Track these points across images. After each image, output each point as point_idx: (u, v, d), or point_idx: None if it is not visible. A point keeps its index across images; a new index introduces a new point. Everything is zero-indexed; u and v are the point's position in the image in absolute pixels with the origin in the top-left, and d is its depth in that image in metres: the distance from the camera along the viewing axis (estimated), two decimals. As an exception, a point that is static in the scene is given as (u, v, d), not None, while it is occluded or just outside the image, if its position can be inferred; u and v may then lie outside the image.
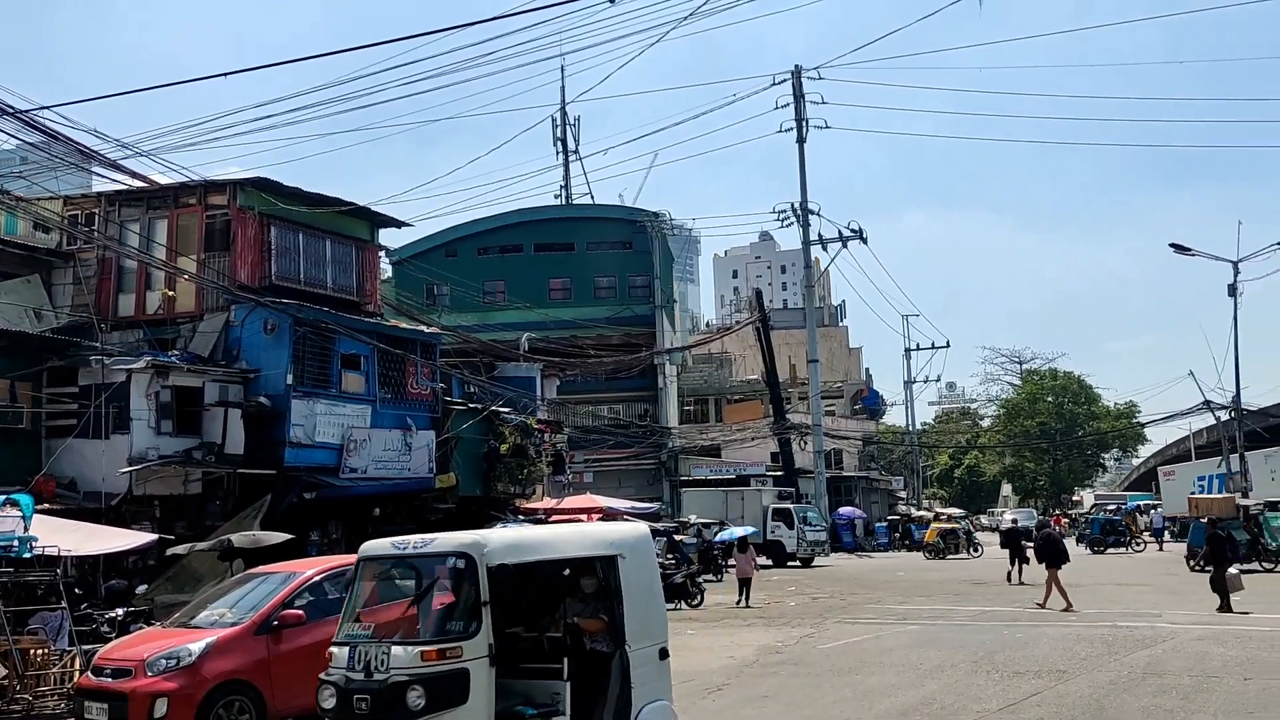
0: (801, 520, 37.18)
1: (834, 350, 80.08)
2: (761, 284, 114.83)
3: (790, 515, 37.19)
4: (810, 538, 36.95)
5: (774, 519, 37.45)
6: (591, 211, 58.20)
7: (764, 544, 35.62)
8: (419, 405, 24.93)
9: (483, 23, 13.00)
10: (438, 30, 13.28)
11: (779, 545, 36.77)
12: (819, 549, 37.46)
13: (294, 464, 21.30)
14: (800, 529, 36.82)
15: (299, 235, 23.20)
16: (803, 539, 36.63)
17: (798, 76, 45.27)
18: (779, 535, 36.97)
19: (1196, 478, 54.68)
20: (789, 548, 36.62)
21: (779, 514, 37.52)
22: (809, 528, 37.21)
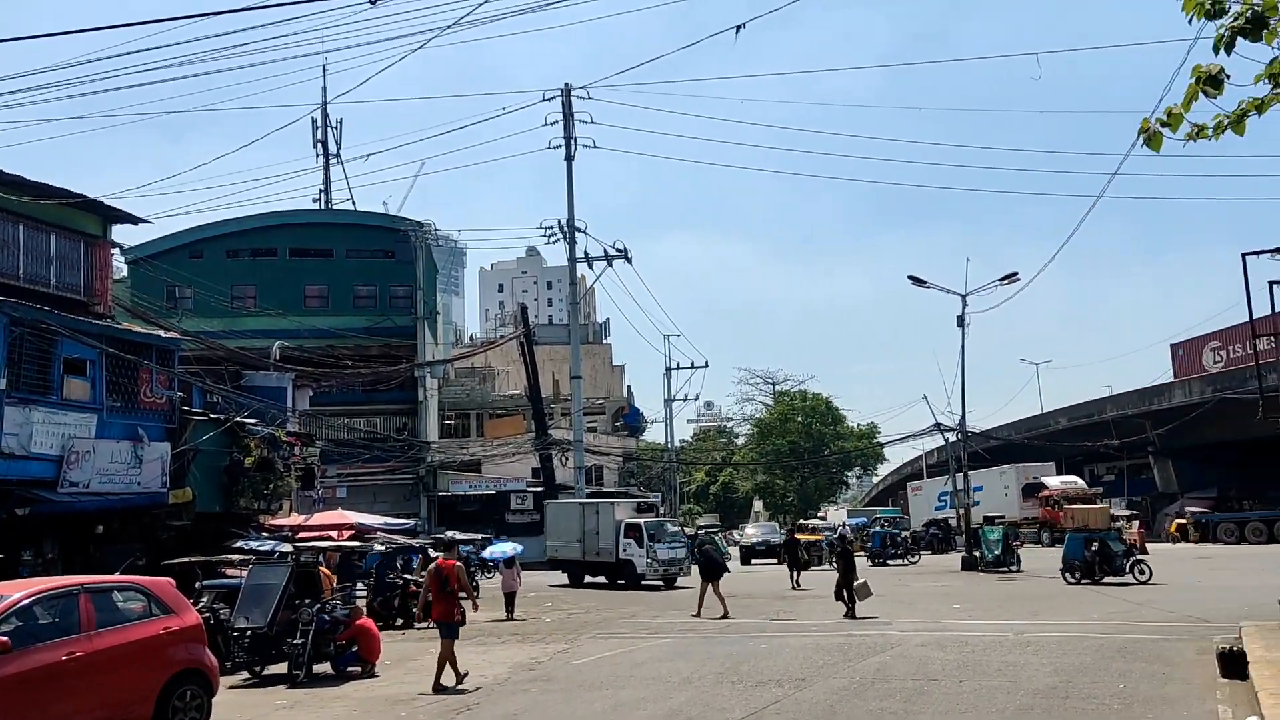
0: (651, 537, 32.23)
1: (597, 367, 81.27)
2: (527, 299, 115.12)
3: (641, 531, 32.31)
4: (663, 556, 32.11)
5: (625, 536, 32.69)
6: (353, 218, 56.49)
7: (615, 564, 32.80)
8: (153, 415, 23.22)
9: (235, 12, 12.32)
10: (183, 16, 12.50)
11: (629, 565, 32.40)
12: (676, 568, 32.39)
13: (5, 476, 19.29)
14: (650, 546, 31.98)
15: (19, 227, 21.12)
16: (654, 558, 31.89)
17: (567, 95, 45.77)
18: (629, 554, 32.48)
19: (939, 493, 59.48)
20: (639, 568, 32.12)
21: (630, 530, 32.67)
22: (661, 545, 32.39)
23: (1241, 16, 5.88)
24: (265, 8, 13.02)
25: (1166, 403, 55.12)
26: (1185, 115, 6.18)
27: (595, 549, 33.69)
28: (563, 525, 35.98)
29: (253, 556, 20.05)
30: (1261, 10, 5.85)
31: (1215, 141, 6.47)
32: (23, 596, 10.32)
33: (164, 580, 12.47)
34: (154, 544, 22.58)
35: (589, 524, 34.34)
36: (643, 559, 32.06)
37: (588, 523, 34.44)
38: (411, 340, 52.74)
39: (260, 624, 16.05)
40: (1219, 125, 6.31)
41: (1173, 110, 6.19)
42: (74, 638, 10.33)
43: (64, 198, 21.43)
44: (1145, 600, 21.78)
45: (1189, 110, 6.15)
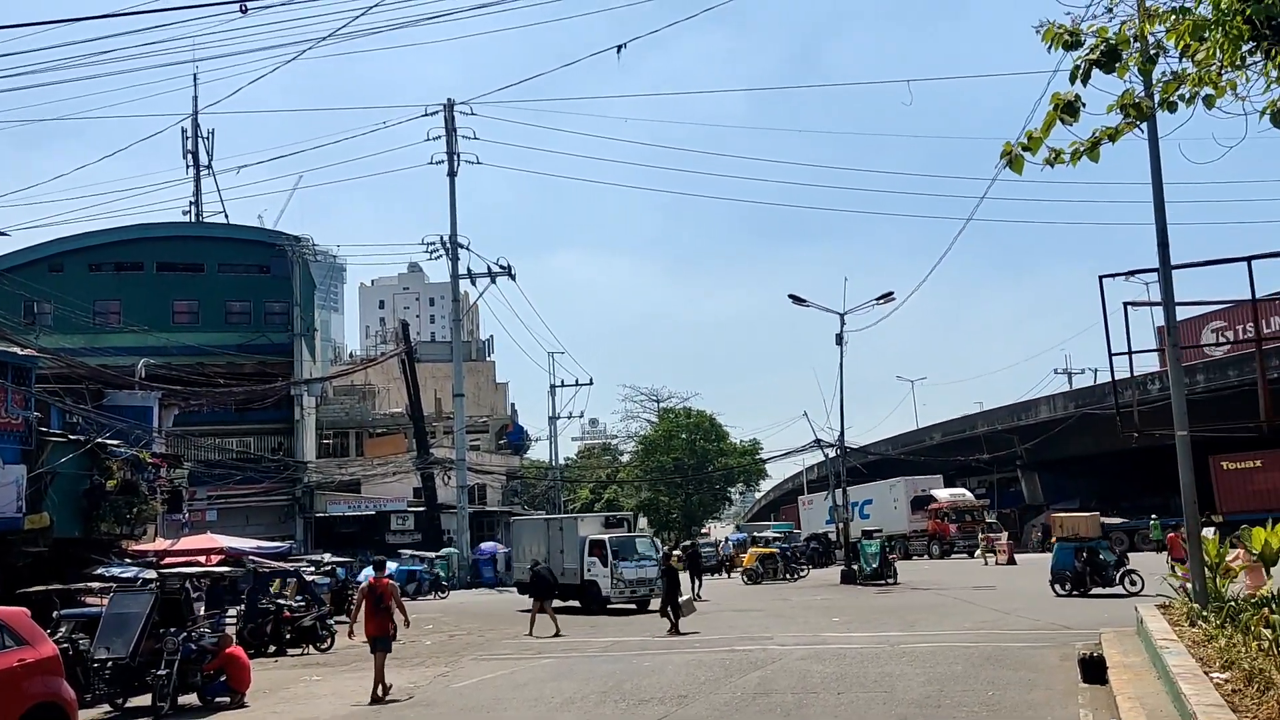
0: (616, 555, 28.53)
1: (481, 385, 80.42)
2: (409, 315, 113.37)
3: (605, 549, 28.69)
4: (630, 576, 28.38)
5: (589, 554, 29.01)
6: (225, 231, 54.79)
7: (580, 586, 29.17)
8: (8, 436, 21.99)
9: (99, 18, 11.78)
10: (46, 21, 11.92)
11: (594, 587, 28.80)
12: (647, 589, 28.20)
13: None
14: (615, 566, 28.32)
15: None
16: (620, 578, 28.30)
17: (450, 110, 45.39)
18: (593, 574, 28.85)
19: (830, 507, 60.64)
20: (604, 589, 28.46)
21: (594, 547, 29.01)
22: (629, 564, 28.60)
23: (1096, 49, 6.19)
24: (133, 14, 12.55)
25: (1033, 418, 57.63)
26: (1045, 140, 6.46)
27: (560, 569, 29.37)
28: (527, 544, 33.25)
29: (114, 584, 19.12)
30: (1115, 44, 6.17)
31: (1073, 167, 6.79)
32: None
33: (18, 610, 11.79)
34: (8, 571, 21.37)
35: (554, 542, 31.05)
36: (607, 579, 28.37)
37: (553, 541, 31.20)
38: (288, 358, 51.32)
39: (122, 654, 15.28)
40: (1075, 152, 6.62)
41: (1033, 135, 6.47)
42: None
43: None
44: (1012, 609, 22.60)
45: (1048, 136, 6.44)
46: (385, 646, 14.94)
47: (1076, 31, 6.32)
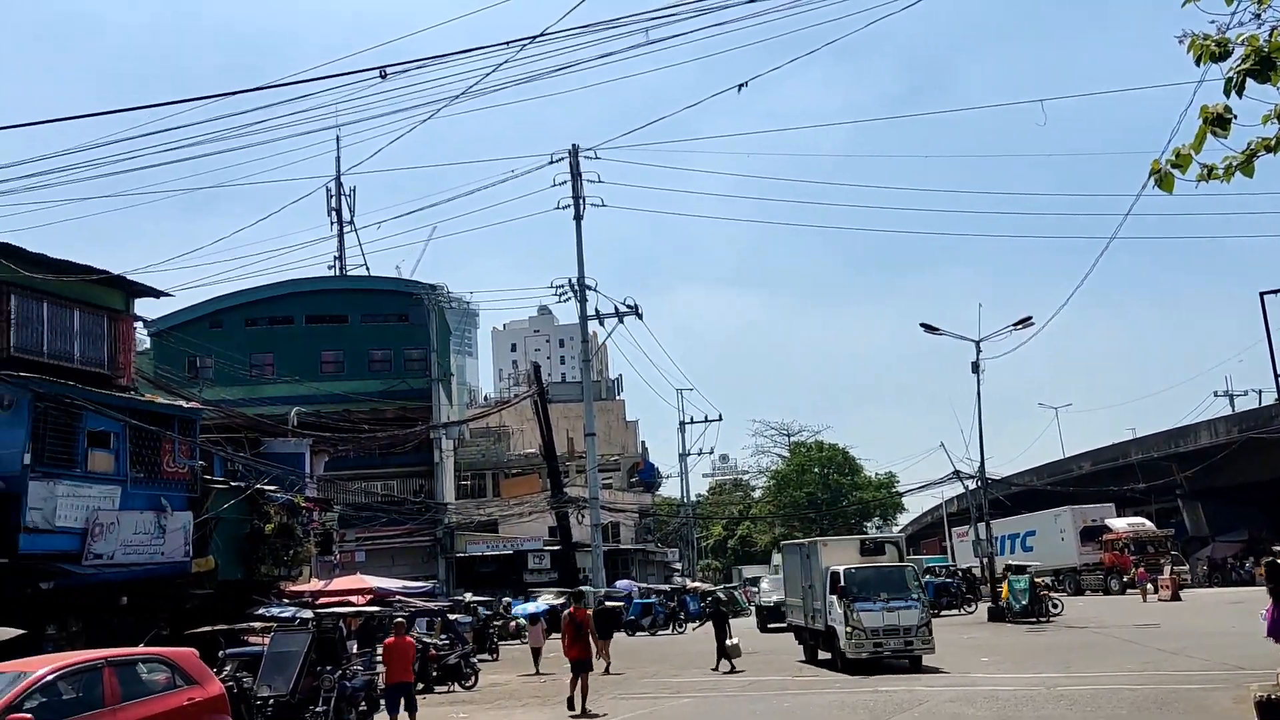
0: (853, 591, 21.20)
1: (611, 424, 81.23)
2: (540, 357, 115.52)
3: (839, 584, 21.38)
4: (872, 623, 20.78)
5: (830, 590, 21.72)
6: (366, 284, 57.04)
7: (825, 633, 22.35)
8: (176, 485, 23.31)
9: (252, 91, 12.61)
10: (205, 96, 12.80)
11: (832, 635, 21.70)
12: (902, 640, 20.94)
13: (29, 550, 19.35)
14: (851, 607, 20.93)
15: (43, 305, 21.43)
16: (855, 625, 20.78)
17: (575, 155, 46.38)
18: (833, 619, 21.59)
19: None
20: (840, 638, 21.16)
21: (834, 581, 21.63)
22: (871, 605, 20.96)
23: (1249, 59, 5.98)
24: (281, 85, 13.34)
25: (1193, 444, 54.40)
26: (1195, 156, 6.26)
27: (810, 609, 23.58)
28: (790, 575, 27.00)
29: (274, 624, 20.00)
30: (1269, 52, 5.95)
31: (1226, 183, 6.55)
32: (47, 672, 10.32)
33: (187, 650, 12.47)
34: (178, 613, 22.56)
35: (806, 573, 24.15)
36: (841, 624, 21.14)
37: (804, 571, 24.36)
38: (426, 402, 52.90)
39: (283, 692, 15.97)
40: (1229, 167, 6.39)
41: (1181, 151, 6.28)
42: (98, 712, 10.30)
43: (86, 274, 21.75)
44: (1179, 649, 21.43)
45: (1199, 151, 6.23)
46: (585, 668, 17.25)
47: (1224, 41, 6.13)
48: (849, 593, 21.02)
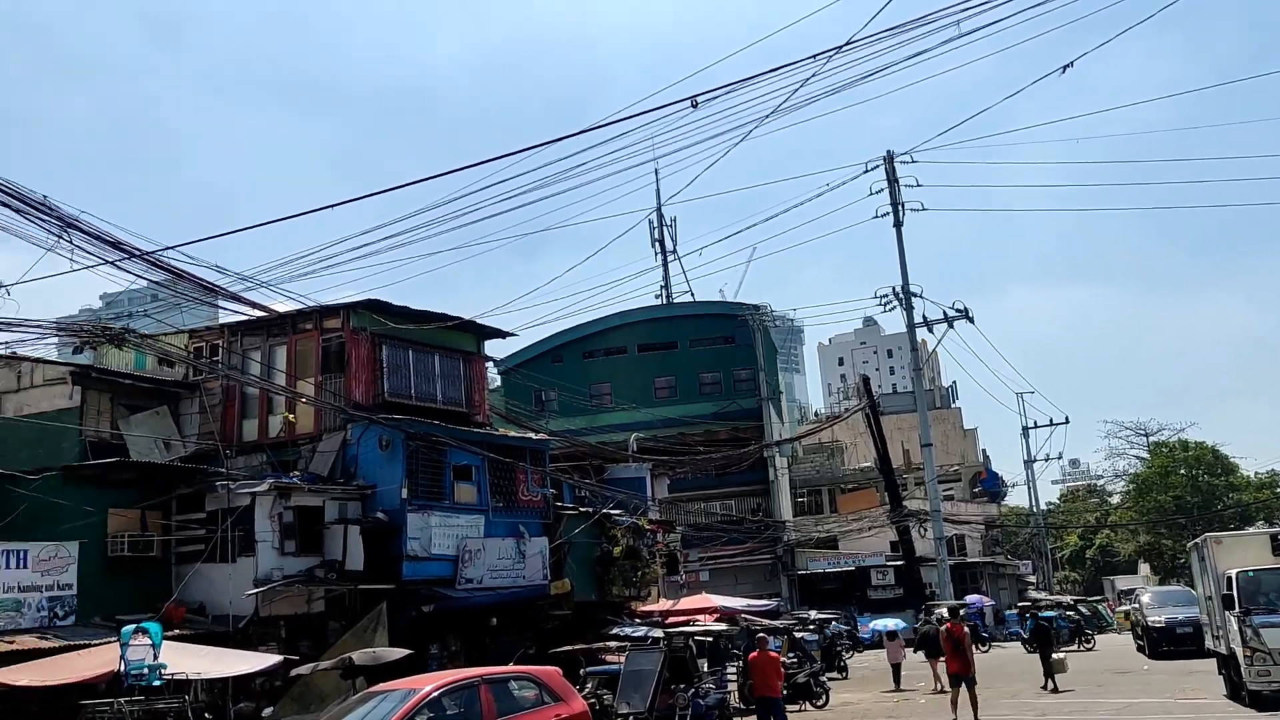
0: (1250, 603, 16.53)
1: (948, 433, 78.03)
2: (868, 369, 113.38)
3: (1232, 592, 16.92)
4: None
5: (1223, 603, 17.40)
6: (692, 309, 58.62)
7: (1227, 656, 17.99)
8: (531, 512, 25.01)
9: (573, 136, 13.36)
10: (531, 147, 13.67)
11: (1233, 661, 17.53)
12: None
13: (412, 577, 21.47)
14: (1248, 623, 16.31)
15: (408, 352, 23.83)
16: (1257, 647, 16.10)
17: (890, 162, 45.24)
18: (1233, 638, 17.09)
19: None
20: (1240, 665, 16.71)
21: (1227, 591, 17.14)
22: None
23: None
24: (599, 127, 13.99)
25: None
26: None
27: (1215, 628, 19.20)
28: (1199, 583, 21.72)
29: (628, 643, 20.83)
30: None
31: None
32: (432, 689, 11.27)
33: (552, 669, 13.20)
34: (540, 633, 24.11)
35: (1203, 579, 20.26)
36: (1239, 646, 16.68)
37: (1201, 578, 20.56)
38: (757, 421, 53.40)
39: (640, 709, 16.57)
40: None
41: None
42: (479, 727, 11.10)
43: (443, 322, 23.96)
44: None
45: None
46: (965, 681, 17.45)
47: None
48: (1250, 603, 16.46)
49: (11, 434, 21.93)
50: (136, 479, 20.60)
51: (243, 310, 21.88)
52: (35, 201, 15.63)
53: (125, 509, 20.36)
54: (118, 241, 16.70)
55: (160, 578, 20.38)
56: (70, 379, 21.74)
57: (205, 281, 19.06)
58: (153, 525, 20.75)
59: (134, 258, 17.02)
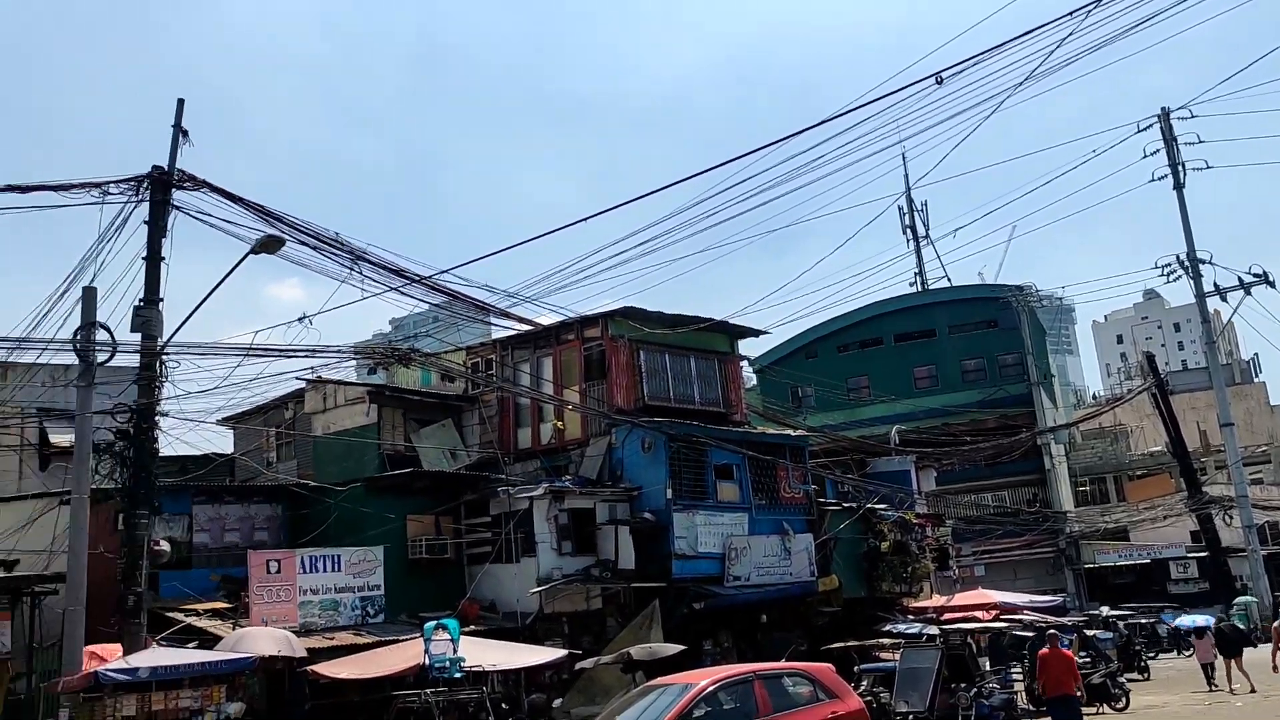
0: None
1: (1252, 410, 70.92)
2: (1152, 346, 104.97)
3: None
4: None
5: None
6: (949, 294, 56.51)
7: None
8: (793, 509, 25.00)
9: (816, 126, 13.31)
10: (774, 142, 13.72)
11: None
12: None
13: (681, 575, 22.00)
14: None
15: (665, 356, 24.46)
16: None
17: (1166, 119, 41.85)
18: None
19: None
20: None
21: None
22: None
23: None
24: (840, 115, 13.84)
25: None
26: None
27: None
28: None
29: (901, 640, 20.40)
30: None
31: None
32: (708, 684, 11.53)
33: (825, 665, 13.16)
34: (810, 630, 24.05)
35: None
36: None
37: None
38: (1028, 408, 50.70)
39: (920, 708, 16.21)
40: None
41: None
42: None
43: (696, 324, 24.41)
44: None
45: None
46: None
47: None
48: None
49: (322, 450, 24.36)
50: (428, 487, 22.32)
51: (511, 325, 23.28)
52: (329, 238, 17.34)
53: (420, 515, 22.13)
54: (400, 269, 18.24)
55: (454, 578, 21.98)
56: (367, 398, 23.87)
57: (477, 301, 20.43)
58: (445, 529, 22.42)
59: (415, 283, 18.50)
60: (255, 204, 16.64)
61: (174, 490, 19.62)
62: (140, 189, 15.97)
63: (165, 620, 17.46)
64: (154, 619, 16.56)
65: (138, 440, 15.76)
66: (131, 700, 13.61)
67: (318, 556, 19.30)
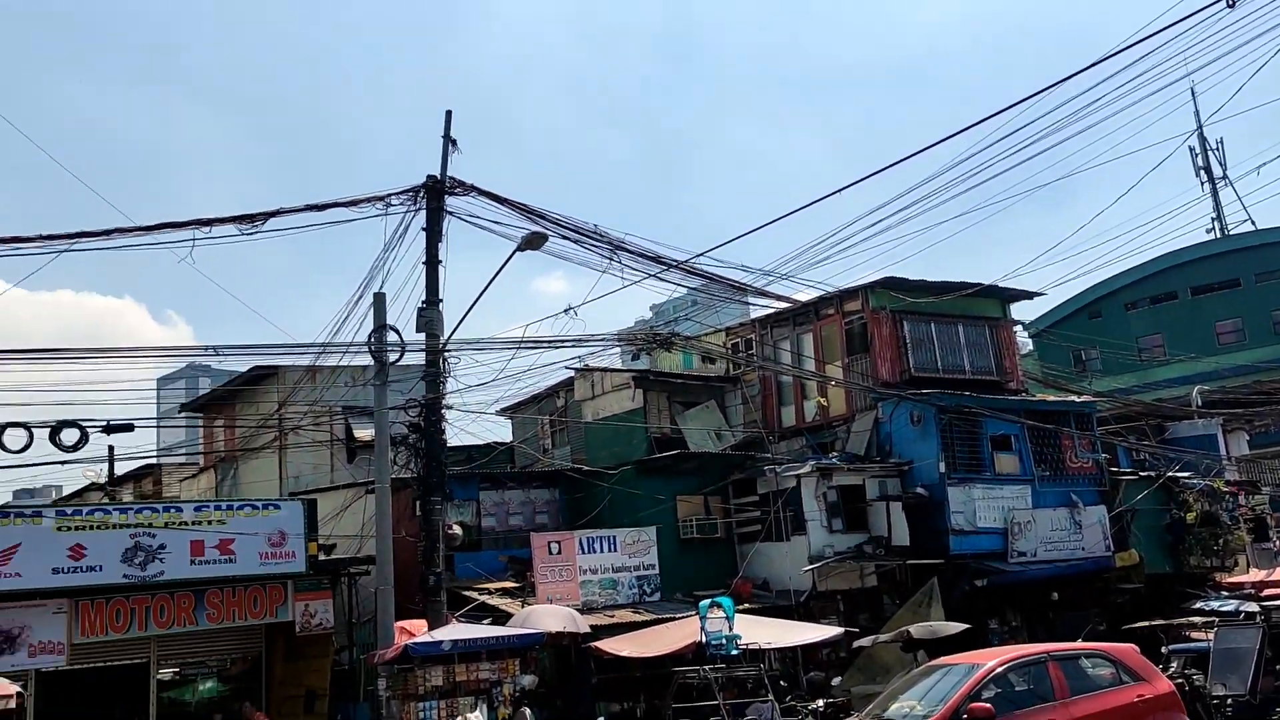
0: None
1: None
2: None
3: None
4: None
5: None
6: (1255, 239, 50.96)
7: None
8: (1082, 479, 23.43)
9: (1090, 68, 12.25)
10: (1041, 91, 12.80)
11: None
12: None
13: (959, 551, 21.19)
14: None
15: (930, 325, 23.56)
16: None
17: None
18: None
19: None
20: None
21: None
22: None
23: None
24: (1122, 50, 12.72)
25: None
26: None
27: None
28: None
29: (1215, 618, 18.66)
30: None
31: None
32: (997, 665, 11.01)
33: (1128, 646, 12.26)
34: (1107, 609, 22.50)
35: None
36: None
37: None
38: (1360, 358, 45.00)
39: (1240, 690, 14.77)
40: None
41: None
42: (1050, 705, 10.63)
43: (963, 290, 23.33)
44: None
45: None
46: None
47: None
48: None
49: (593, 436, 25.30)
50: (696, 468, 22.66)
51: (769, 304, 23.18)
52: (588, 231, 17.93)
53: (689, 495, 22.52)
54: (658, 255, 18.59)
55: (725, 556, 22.22)
56: (633, 383, 24.54)
57: (734, 281, 20.49)
58: (714, 509, 22.69)
59: (673, 268, 18.80)
60: (519, 203, 17.47)
61: (462, 478, 20.99)
62: (417, 198, 17.14)
63: (461, 598, 18.71)
64: (451, 597, 17.78)
65: (428, 432, 16.97)
66: (439, 671, 14.65)
67: (595, 537, 20.08)
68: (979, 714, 10.24)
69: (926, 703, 10.89)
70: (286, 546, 16.28)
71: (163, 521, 15.58)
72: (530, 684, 15.74)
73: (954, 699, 10.51)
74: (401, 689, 14.66)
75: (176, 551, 15.50)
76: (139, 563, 15.23)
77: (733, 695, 15.83)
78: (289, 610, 16.77)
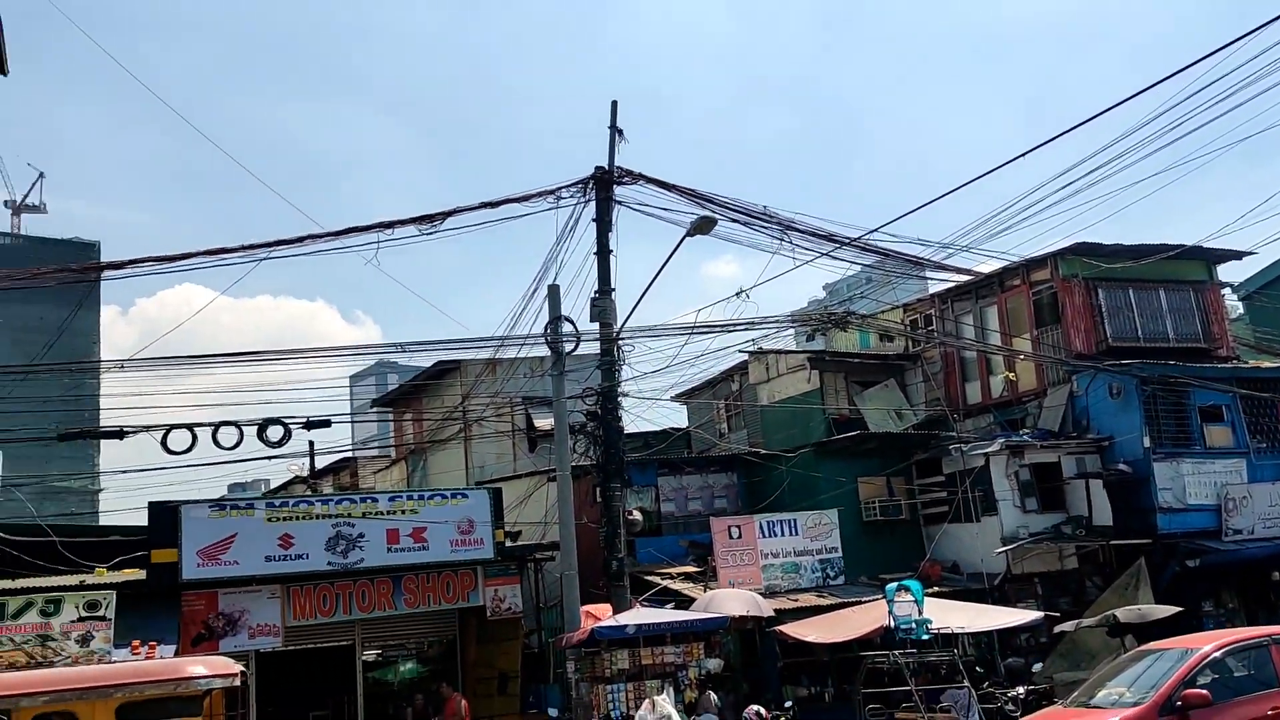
0: None
1: None
2: None
3: None
4: None
5: None
6: None
7: None
8: (1278, 454, 21.59)
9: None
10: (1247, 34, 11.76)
11: None
12: None
13: (1167, 530, 19.89)
14: None
15: (1128, 292, 22.17)
16: None
17: None
18: None
19: None
20: None
21: None
22: None
23: None
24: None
25: None
26: None
27: None
28: None
29: None
30: None
31: None
32: (1213, 649, 10.29)
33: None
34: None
35: None
36: None
37: None
38: None
39: None
40: None
41: None
42: (1273, 691, 9.94)
43: (1163, 253, 21.82)
44: None
45: None
46: None
47: None
48: None
49: (769, 418, 25.07)
50: (876, 449, 22.12)
51: (948, 277, 22.33)
52: (757, 213, 17.72)
53: (871, 477, 22.02)
54: (830, 234, 18.19)
55: (911, 538, 21.61)
56: (808, 364, 24.15)
57: (910, 256, 19.81)
58: (898, 490, 22.10)
59: (845, 245, 18.36)
60: (686, 189, 17.43)
61: (640, 464, 21.19)
62: (586, 190, 17.36)
63: (643, 583, 18.90)
64: (634, 582, 17.98)
65: (605, 420, 17.20)
66: (624, 654, 14.84)
67: (775, 521, 19.89)
68: (1195, 701, 9.60)
69: (1136, 689, 10.27)
70: (475, 534, 16.82)
71: (360, 512, 16.37)
72: (716, 668, 15.74)
73: (1166, 685, 9.87)
74: (589, 671, 14.92)
75: (374, 540, 16.25)
76: (341, 550, 16.05)
77: (925, 681, 15.36)
78: (479, 595, 17.33)
